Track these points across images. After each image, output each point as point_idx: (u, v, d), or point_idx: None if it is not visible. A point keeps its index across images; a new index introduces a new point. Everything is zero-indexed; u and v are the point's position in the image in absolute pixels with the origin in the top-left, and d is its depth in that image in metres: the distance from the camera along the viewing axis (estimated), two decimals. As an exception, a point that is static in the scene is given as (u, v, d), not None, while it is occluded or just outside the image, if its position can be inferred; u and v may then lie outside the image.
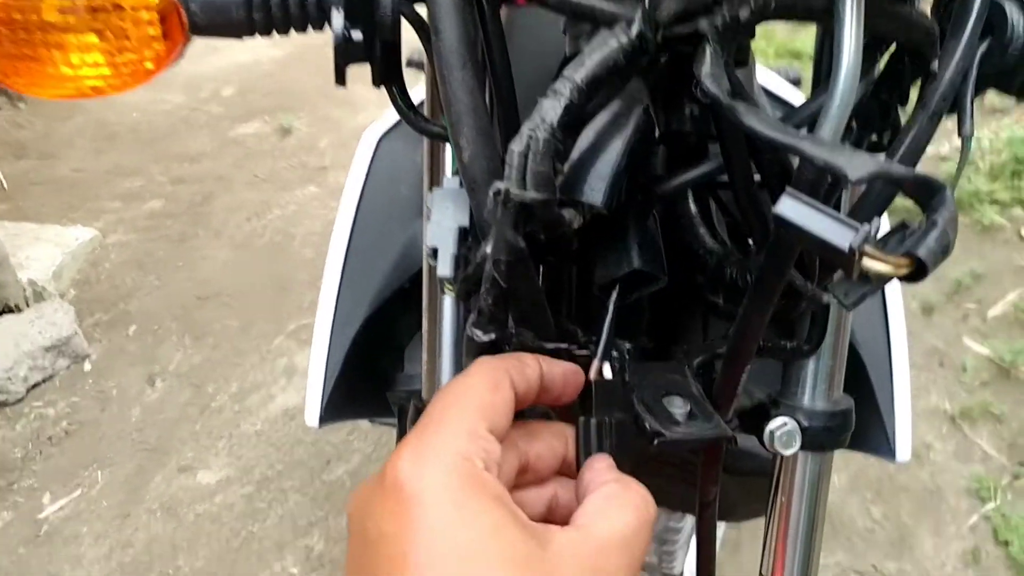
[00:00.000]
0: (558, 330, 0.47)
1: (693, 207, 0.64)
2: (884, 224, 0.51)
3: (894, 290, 0.71)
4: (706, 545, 0.64)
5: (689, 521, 1.04)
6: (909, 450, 0.65)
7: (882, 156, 0.42)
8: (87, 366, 2.20)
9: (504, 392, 0.38)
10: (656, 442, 0.44)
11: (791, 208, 0.32)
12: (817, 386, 0.57)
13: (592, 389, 0.44)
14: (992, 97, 0.53)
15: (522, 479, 0.41)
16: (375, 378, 0.79)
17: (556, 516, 0.42)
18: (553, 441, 0.42)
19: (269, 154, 3.13)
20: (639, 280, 0.46)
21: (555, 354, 0.46)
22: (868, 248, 0.31)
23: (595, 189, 0.43)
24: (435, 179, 0.51)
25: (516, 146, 0.40)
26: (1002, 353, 1.98)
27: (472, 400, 0.37)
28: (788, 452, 0.55)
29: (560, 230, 0.43)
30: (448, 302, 0.51)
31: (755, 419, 0.58)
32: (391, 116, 0.82)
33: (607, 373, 0.45)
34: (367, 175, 0.79)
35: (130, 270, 2.54)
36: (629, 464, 0.44)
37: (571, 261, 0.59)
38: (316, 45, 3.81)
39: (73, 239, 2.55)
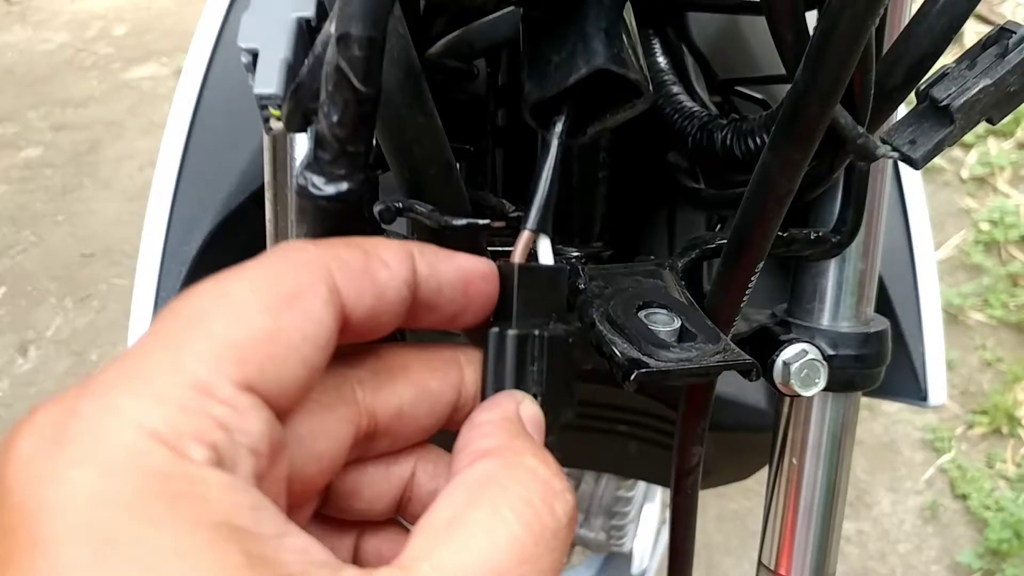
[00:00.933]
0: (472, 198, 0.29)
1: (662, 58, 0.46)
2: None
3: (914, 190, 0.54)
4: (683, 526, 0.47)
5: (641, 488, 0.88)
6: (944, 391, 0.49)
7: None
8: (-53, 334, 1.92)
9: (307, 310, 0.20)
10: (634, 377, 0.27)
11: None
12: (842, 300, 0.41)
13: (514, 281, 0.25)
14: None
15: (372, 449, 0.23)
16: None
17: (415, 513, 0.25)
18: (432, 381, 0.24)
19: (167, 98, 2.80)
20: (603, 99, 0.28)
21: (466, 234, 0.27)
22: None
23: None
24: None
25: None
26: (949, 298, 1.90)
27: (217, 323, 0.18)
28: (810, 392, 0.38)
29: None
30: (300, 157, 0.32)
31: (757, 349, 0.41)
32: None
33: (544, 255, 0.27)
34: (215, 44, 0.59)
35: (0, 225, 2.24)
36: (568, 413, 0.26)
37: (493, 90, 0.41)
38: (219, -17, 3.48)
39: (-67, 191, 2.24)
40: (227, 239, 0.52)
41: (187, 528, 0.15)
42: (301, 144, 0.32)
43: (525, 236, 0.26)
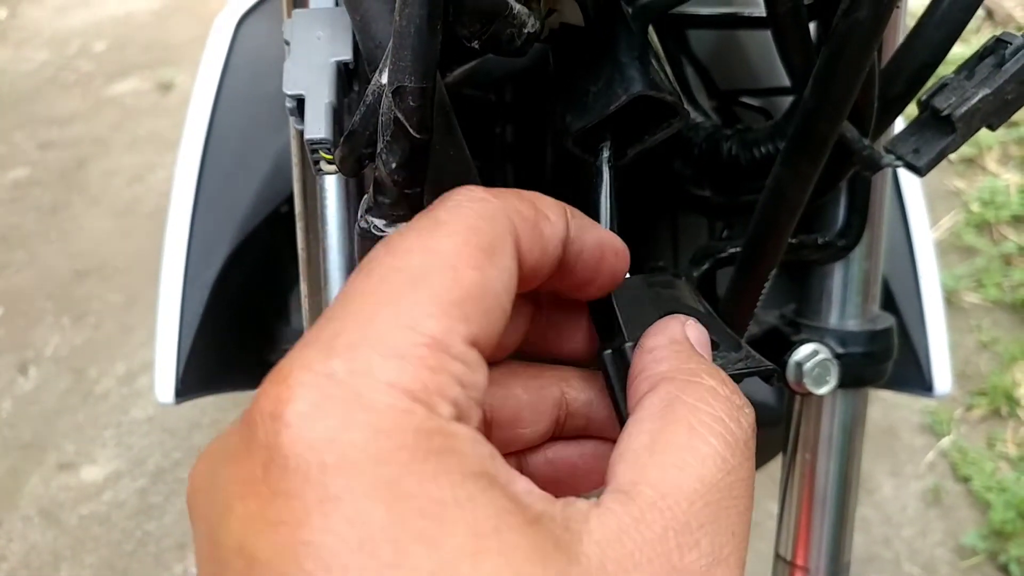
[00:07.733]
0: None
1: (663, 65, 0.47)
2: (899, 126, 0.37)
3: (911, 185, 0.56)
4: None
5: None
6: (949, 380, 0.51)
7: None
8: (-55, 358, 1.91)
9: (503, 262, 0.20)
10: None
11: None
12: (848, 300, 0.42)
13: (613, 302, 0.27)
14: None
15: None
16: (253, 335, 0.60)
17: (576, 426, 0.27)
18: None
19: (150, 112, 2.82)
20: (640, 122, 0.29)
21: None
22: None
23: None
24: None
25: None
26: (943, 280, 1.92)
27: (436, 280, 0.19)
28: (823, 390, 0.40)
29: (510, 43, 0.25)
30: (333, 191, 0.33)
31: (770, 349, 0.42)
32: (253, -10, 0.63)
33: None
34: (224, 70, 0.60)
35: (-7, 247, 2.24)
36: None
37: (507, 118, 0.42)
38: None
39: (-78, 215, 2.23)
40: (243, 261, 0.53)
41: (458, 480, 0.16)
42: (329, 179, 0.33)
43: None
